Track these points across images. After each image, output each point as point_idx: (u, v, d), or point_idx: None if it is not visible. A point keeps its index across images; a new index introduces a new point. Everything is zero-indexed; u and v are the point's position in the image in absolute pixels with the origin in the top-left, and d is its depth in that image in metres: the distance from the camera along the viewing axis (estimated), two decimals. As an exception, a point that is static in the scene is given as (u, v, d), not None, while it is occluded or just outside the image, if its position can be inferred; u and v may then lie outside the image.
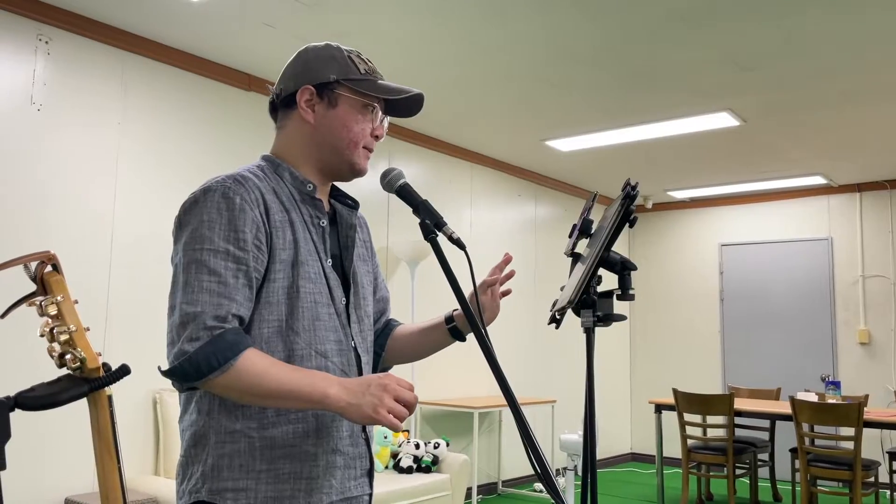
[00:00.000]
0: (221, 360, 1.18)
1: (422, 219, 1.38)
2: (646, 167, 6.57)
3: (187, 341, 1.18)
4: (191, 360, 1.18)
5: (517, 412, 1.19)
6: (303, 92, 1.40)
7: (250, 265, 1.27)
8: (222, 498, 1.26)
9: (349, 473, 1.37)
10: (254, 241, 1.28)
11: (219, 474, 1.27)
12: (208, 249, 1.24)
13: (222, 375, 1.19)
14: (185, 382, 1.21)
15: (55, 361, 1.04)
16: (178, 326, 1.21)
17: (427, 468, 4.61)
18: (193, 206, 1.29)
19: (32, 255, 1.04)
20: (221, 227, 1.26)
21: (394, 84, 1.44)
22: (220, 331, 1.20)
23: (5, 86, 3.40)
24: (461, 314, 1.52)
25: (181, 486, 1.32)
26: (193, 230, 1.26)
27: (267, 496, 1.27)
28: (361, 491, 1.40)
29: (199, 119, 4.16)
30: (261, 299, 1.29)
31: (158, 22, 3.70)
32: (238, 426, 1.28)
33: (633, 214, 1.56)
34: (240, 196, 1.28)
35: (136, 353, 3.72)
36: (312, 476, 1.30)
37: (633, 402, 8.22)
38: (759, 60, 4.11)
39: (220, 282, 1.23)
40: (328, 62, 1.40)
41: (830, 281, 7.09)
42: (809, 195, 7.29)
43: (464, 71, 4.34)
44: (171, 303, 1.25)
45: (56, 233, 3.50)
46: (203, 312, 1.20)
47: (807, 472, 4.96)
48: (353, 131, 1.40)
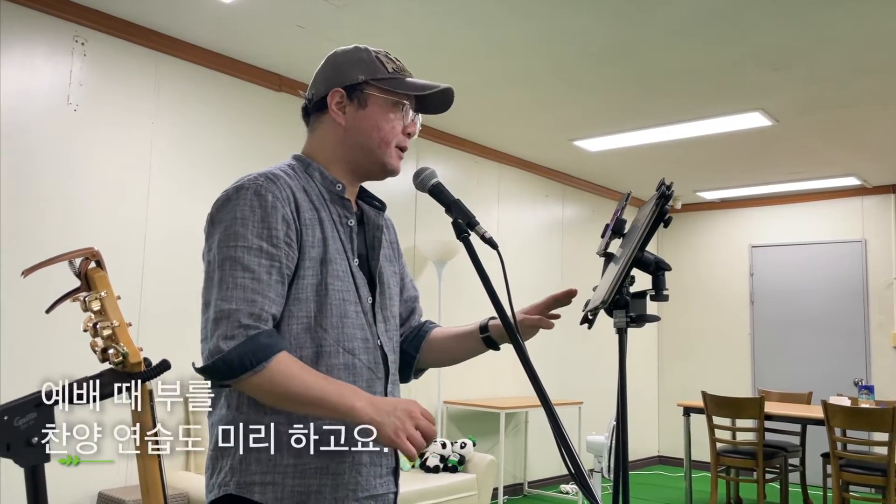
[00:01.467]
0: (255, 361, 1.20)
1: (454, 218, 1.38)
2: (675, 168, 6.51)
3: (222, 339, 1.20)
4: (224, 359, 1.19)
5: (551, 413, 1.19)
6: (333, 94, 1.41)
7: (283, 262, 1.28)
8: (250, 491, 1.28)
9: (375, 471, 1.37)
10: (285, 239, 1.29)
11: (247, 468, 1.28)
12: (242, 246, 1.26)
13: (255, 376, 1.20)
14: (218, 380, 1.23)
15: (98, 356, 1.06)
16: (212, 322, 1.22)
17: (453, 468, 4.62)
18: (226, 203, 1.31)
19: (77, 251, 1.06)
20: (254, 224, 1.27)
21: (422, 81, 1.44)
22: (256, 332, 1.21)
23: (43, 86, 3.46)
24: (496, 324, 1.50)
25: (210, 480, 1.34)
26: (227, 227, 1.28)
27: (294, 490, 1.28)
28: (387, 489, 1.40)
29: (229, 119, 4.21)
30: (290, 296, 1.31)
31: (191, 23, 3.75)
32: (266, 420, 1.29)
33: (668, 214, 1.55)
34: (272, 194, 1.30)
35: (167, 350, 3.76)
36: (339, 472, 1.31)
37: (660, 405, 8.14)
38: (791, 59, 4.05)
39: (254, 278, 1.24)
40: (356, 64, 1.42)
41: (864, 283, 6.96)
42: (842, 196, 7.16)
43: (492, 71, 4.33)
44: (205, 299, 1.27)
45: (91, 230, 3.56)
46: (238, 310, 1.22)
47: (839, 478, 4.88)
48: (383, 130, 1.41)
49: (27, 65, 3.41)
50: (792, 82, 4.39)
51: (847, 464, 4.92)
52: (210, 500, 1.33)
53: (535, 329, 1.53)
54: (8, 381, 3.12)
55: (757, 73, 4.27)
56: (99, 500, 3.39)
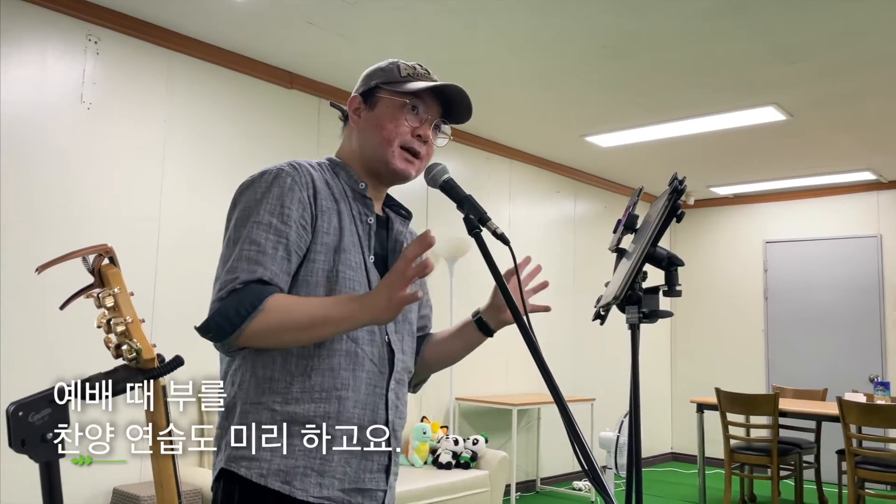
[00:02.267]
0: (249, 307, 1.22)
1: (466, 214, 1.37)
2: (688, 163, 6.47)
3: (217, 301, 1.25)
4: (220, 311, 1.23)
5: (564, 409, 1.18)
6: (352, 101, 1.49)
7: (291, 239, 1.31)
8: (237, 465, 1.30)
9: (365, 465, 1.36)
10: (299, 220, 1.33)
11: (238, 442, 1.30)
12: (253, 222, 1.30)
13: (254, 321, 1.22)
14: (222, 339, 1.24)
15: (111, 352, 1.07)
16: (216, 292, 1.27)
17: (466, 464, 4.62)
18: (248, 187, 1.36)
19: (90, 247, 1.07)
20: (268, 202, 1.32)
21: (426, 81, 1.45)
22: (246, 285, 1.24)
23: (57, 85, 3.49)
24: (488, 307, 1.54)
25: (215, 459, 1.36)
26: (244, 207, 1.33)
27: (278, 468, 1.29)
28: (376, 485, 1.39)
29: (241, 116, 4.22)
30: (299, 278, 1.33)
31: (203, 22, 3.76)
32: (263, 399, 1.31)
33: (681, 209, 1.54)
34: (291, 177, 1.35)
35: (181, 346, 3.79)
36: (327, 458, 1.31)
37: (673, 401, 8.11)
38: (806, 52, 4.01)
39: (259, 251, 1.28)
40: (377, 73, 1.48)
41: (880, 279, 6.90)
42: (858, 191, 7.09)
43: (503, 67, 4.32)
44: (216, 275, 1.31)
45: (104, 228, 3.58)
46: (237, 278, 1.25)
47: (854, 475, 4.84)
48: (386, 129, 1.44)
49: (41, 63, 3.44)
50: (807, 76, 4.35)
51: (863, 461, 4.89)
52: (213, 478, 1.37)
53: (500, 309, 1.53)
54: (22, 377, 3.15)
55: (771, 67, 4.23)
56: (114, 496, 3.42)
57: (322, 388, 1.32)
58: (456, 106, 1.49)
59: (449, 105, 1.48)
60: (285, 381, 1.31)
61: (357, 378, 1.36)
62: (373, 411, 1.38)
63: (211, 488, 1.36)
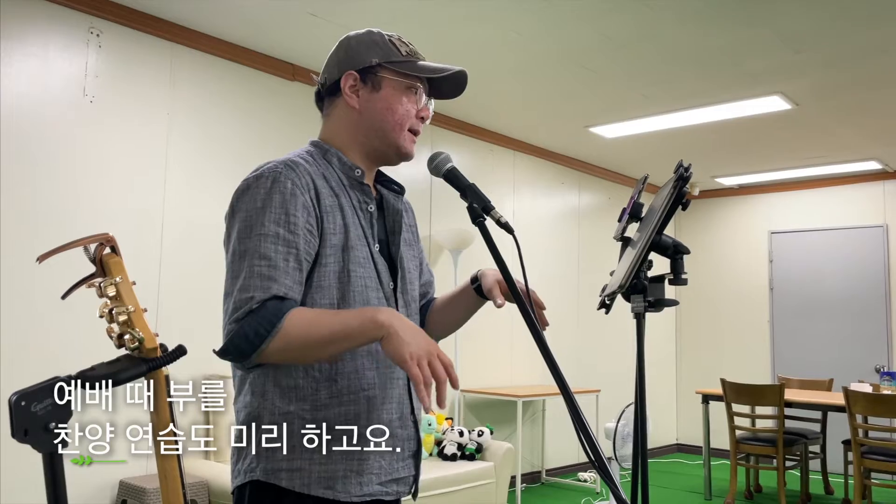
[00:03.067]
0: (268, 326, 1.20)
1: (469, 202, 1.37)
2: (693, 153, 6.44)
3: (235, 322, 1.21)
4: (239, 333, 1.20)
5: (570, 399, 1.17)
6: (346, 78, 1.41)
7: (301, 248, 1.28)
8: (277, 478, 1.28)
9: (397, 455, 1.38)
10: (305, 226, 1.29)
11: (273, 454, 1.28)
12: (259, 234, 1.26)
13: (274, 340, 1.20)
14: (242, 359, 1.23)
15: (114, 342, 1.06)
16: (231, 312, 1.23)
17: (471, 456, 4.62)
18: (245, 192, 1.31)
19: (91, 237, 1.06)
20: (273, 210, 1.27)
21: (435, 64, 1.43)
22: (261, 304, 1.22)
23: (59, 78, 3.48)
24: (484, 273, 1.49)
25: (236, 466, 1.34)
26: (246, 216, 1.28)
27: (321, 476, 1.28)
28: (408, 472, 1.41)
29: (243, 109, 4.21)
30: (312, 283, 1.30)
31: (205, 13, 3.75)
32: (292, 408, 1.29)
33: (686, 197, 1.52)
34: (291, 181, 1.30)
35: (186, 337, 3.80)
36: (363, 457, 1.32)
37: (678, 392, 8.10)
38: (811, 40, 3.98)
39: (271, 265, 1.24)
40: (370, 47, 1.41)
41: (886, 269, 6.87)
42: (864, 181, 7.06)
43: (507, 58, 4.30)
44: (226, 289, 1.27)
45: (108, 220, 3.58)
46: (252, 297, 1.22)
47: (860, 465, 4.83)
48: (397, 113, 1.40)
49: (43, 57, 3.43)
50: (812, 65, 4.32)
51: (869, 451, 4.87)
52: (236, 485, 1.34)
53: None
54: (22, 368, 3.15)
55: (777, 56, 4.20)
56: (120, 488, 3.42)
57: (350, 390, 1.31)
58: (450, 85, 1.46)
59: (437, 82, 1.45)
60: (311, 388, 1.30)
61: (381, 375, 1.35)
62: (399, 403, 1.38)
63: (231, 492, 1.35)
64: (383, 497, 1.36)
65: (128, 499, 3.34)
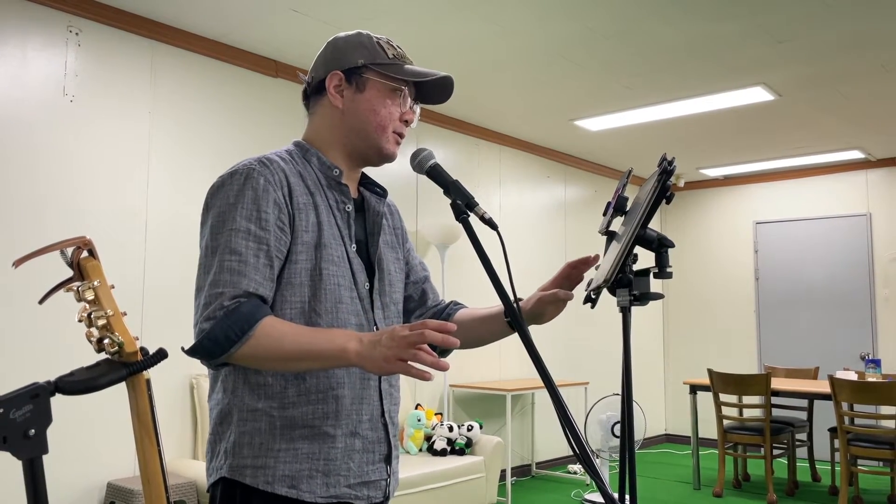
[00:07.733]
0: (239, 332, 1.20)
1: (453, 199, 1.36)
2: (678, 145, 6.46)
3: (206, 320, 1.21)
4: (209, 336, 1.20)
5: (555, 393, 1.17)
6: (331, 77, 1.42)
7: (271, 244, 1.28)
8: (241, 475, 1.29)
9: (367, 458, 1.37)
10: (276, 223, 1.30)
11: (240, 451, 1.29)
12: (230, 229, 1.27)
13: (244, 346, 1.20)
14: (210, 359, 1.23)
15: (93, 346, 1.05)
16: (202, 308, 1.24)
17: (461, 451, 4.63)
18: (219, 189, 1.32)
19: (68, 240, 1.05)
20: (244, 206, 1.28)
21: (421, 68, 1.44)
22: (236, 305, 1.21)
23: (38, 78, 3.44)
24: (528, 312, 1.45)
25: (210, 464, 1.35)
26: (219, 212, 1.29)
27: (284, 474, 1.28)
28: (379, 476, 1.40)
29: (226, 106, 4.18)
30: (283, 280, 1.31)
31: (186, 10, 3.71)
32: (260, 405, 1.30)
33: (670, 190, 1.52)
34: (263, 177, 1.31)
35: (172, 338, 3.78)
36: (330, 458, 1.31)
37: (666, 383, 8.15)
38: (794, 30, 3.99)
39: (241, 261, 1.25)
40: (357, 48, 1.42)
41: (870, 257, 6.93)
42: (847, 170, 7.11)
43: (490, 52, 4.29)
44: (197, 284, 1.28)
45: (90, 221, 3.55)
46: (223, 293, 1.22)
47: (847, 452, 4.88)
48: (380, 115, 1.41)
49: (21, 57, 3.39)
50: (794, 55, 4.34)
51: (855, 438, 4.92)
52: (210, 483, 1.35)
53: (557, 303, 1.44)
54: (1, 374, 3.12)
55: (759, 47, 4.22)
56: (108, 489, 3.40)
57: (318, 389, 1.31)
58: (437, 90, 1.47)
59: (424, 87, 1.47)
60: (280, 386, 1.30)
61: (351, 373, 1.35)
62: (369, 404, 1.37)
63: (207, 491, 1.35)
64: (353, 501, 1.35)
65: (116, 500, 3.32)
